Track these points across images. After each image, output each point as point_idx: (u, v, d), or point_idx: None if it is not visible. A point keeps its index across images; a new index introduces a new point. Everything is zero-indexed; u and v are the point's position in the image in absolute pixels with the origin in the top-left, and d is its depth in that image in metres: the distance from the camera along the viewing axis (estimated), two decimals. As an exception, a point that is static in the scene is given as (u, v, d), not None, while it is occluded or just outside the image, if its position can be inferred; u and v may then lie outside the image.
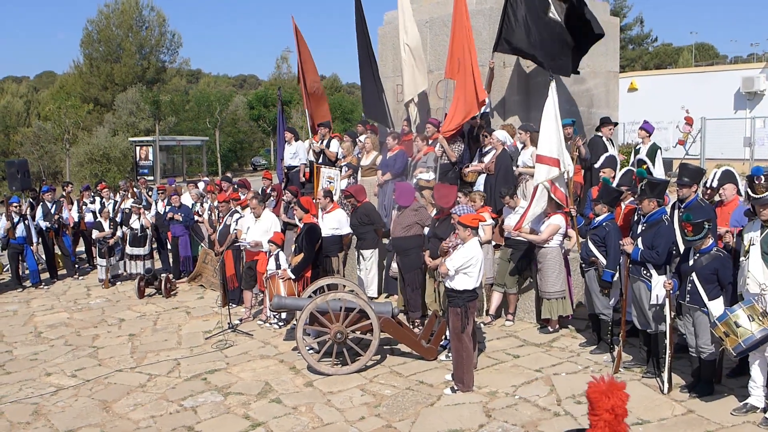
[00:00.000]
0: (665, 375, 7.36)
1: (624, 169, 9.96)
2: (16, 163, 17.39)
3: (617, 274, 8.34)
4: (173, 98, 49.70)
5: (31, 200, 15.53)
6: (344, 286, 9.77)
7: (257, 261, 10.79)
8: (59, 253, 15.10)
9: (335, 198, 11.69)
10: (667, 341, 7.28)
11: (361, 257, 11.18)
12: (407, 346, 8.83)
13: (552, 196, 9.26)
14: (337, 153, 13.53)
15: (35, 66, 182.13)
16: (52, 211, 14.62)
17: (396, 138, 12.02)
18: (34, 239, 14.10)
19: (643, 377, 7.84)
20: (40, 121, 45.09)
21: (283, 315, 10.47)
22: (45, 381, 8.78)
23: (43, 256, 14.94)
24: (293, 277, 9.89)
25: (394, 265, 10.57)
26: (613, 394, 3.80)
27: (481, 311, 9.83)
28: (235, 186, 13.95)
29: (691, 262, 7.10)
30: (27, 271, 14.38)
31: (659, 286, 7.35)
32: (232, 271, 11.55)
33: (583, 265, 8.68)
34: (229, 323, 10.39)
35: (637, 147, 11.66)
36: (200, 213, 14.15)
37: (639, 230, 7.76)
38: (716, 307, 6.91)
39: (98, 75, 52.38)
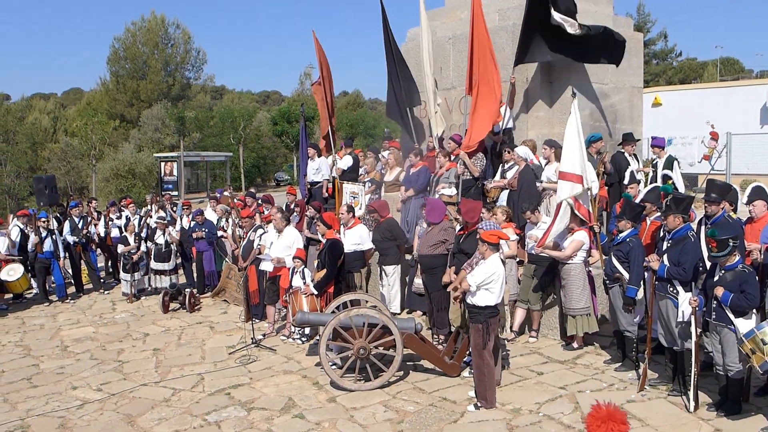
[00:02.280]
0: (691, 393, 7.27)
1: (650, 186, 9.89)
2: (44, 179, 17.58)
3: (642, 291, 8.26)
4: (198, 114, 50.25)
5: (58, 215, 15.74)
6: (367, 301, 9.78)
7: (280, 276, 10.83)
8: (85, 267, 15.26)
9: (359, 213, 11.72)
10: (693, 359, 7.19)
11: (383, 273, 11.18)
12: (430, 362, 8.80)
13: (576, 212, 9.20)
14: (345, 169, 13.58)
15: (63, 83, 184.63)
16: (80, 225, 14.82)
17: (418, 154, 12.06)
18: (61, 254, 14.30)
19: (669, 395, 7.75)
20: (67, 137, 45.72)
21: (306, 330, 10.50)
22: (71, 395, 8.87)
23: (70, 271, 15.11)
24: (316, 292, 9.92)
25: (417, 281, 10.57)
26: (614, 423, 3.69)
27: (504, 328, 9.80)
28: (259, 201, 14.07)
29: (716, 279, 7.03)
30: (53, 285, 14.56)
31: (685, 303, 7.27)
32: (255, 286, 11.60)
33: (608, 282, 8.61)
34: (252, 338, 10.44)
35: (654, 162, 11.63)
36: (225, 228, 14.25)
37: (664, 247, 7.69)
38: (743, 324, 6.82)
39: (124, 92, 53.28)
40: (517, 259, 10.07)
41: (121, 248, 14.31)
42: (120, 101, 53.39)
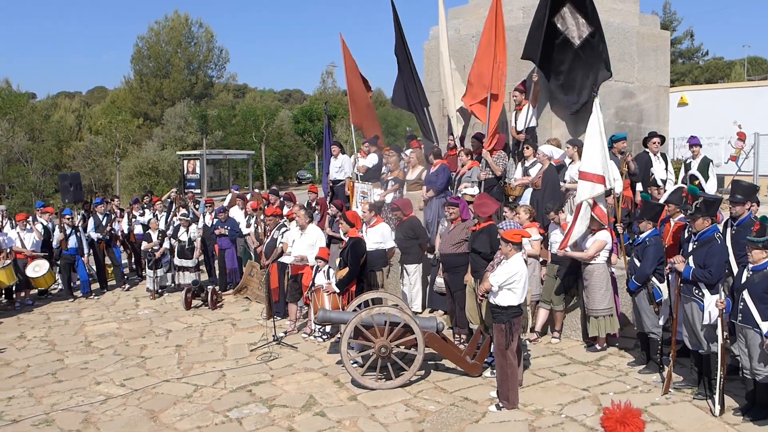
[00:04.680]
0: (717, 397, 7.16)
1: (674, 186, 9.76)
2: (69, 176, 17.81)
3: (667, 292, 8.16)
4: (220, 113, 50.58)
5: (83, 212, 15.89)
6: (388, 300, 9.75)
7: (302, 274, 10.83)
8: (109, 263, 15.39)
9: (360, 213, 11.71)
10: (719, 362, 7.09)
11: (405, 272, 11.15)
12: (452, 361, 8.77)
13: (592, 214, 9.07)
14: (369, 167, 13.56)
15: (87, 82, 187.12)
16: (104, 223, 14.95)
17: (434, 154, 12.05)
18: (86, 250, 14.43)
19: (694, 399, 7.65)
20: (91, 135, 46.15)
21: (327, 328, 10.50)
22: (95, 390, 8.95)
23: (94, 267, 15.25)
24: (338, 290, 9.91)
25: (439, 280, 10.52)
26: (629, 422, 3.63)
27: (527, 328, 9.73)
28: (282, 200, 14.08)
29: (743, 280, 6.94)
30: (78, 282, 14.70)
31: (712, 305, 7.17)
32: (276, 283, 11.61)
33: (632, 283, 8.52)
34: (273, 336, 10.46)
35: (688, 162, 11.47)
36: (256, 225, 14.25)
37: (690, 248, 7.58)
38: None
39: (148, 90, 53.82)
40: (541, 260, 9.99)
41: (144, 245, 14.42)
42: (143, 99, 53.94)
